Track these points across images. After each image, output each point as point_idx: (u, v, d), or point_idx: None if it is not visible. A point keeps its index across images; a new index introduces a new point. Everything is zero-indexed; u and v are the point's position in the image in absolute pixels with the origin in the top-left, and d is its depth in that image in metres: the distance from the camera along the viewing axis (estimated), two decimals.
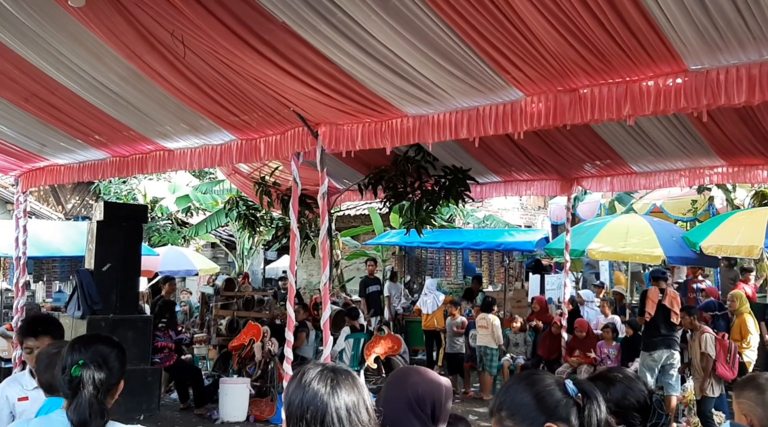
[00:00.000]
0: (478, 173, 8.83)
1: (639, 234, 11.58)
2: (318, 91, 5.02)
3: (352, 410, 1.73)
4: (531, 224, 22.21)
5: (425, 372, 2.36)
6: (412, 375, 2.33)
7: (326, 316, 5.64)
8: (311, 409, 1.71)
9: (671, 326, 8.58)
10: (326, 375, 1.78)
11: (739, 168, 7.44)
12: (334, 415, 1.70)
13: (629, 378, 2.23)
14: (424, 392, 2.24)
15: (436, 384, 2.29)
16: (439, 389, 2.28)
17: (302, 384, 1.77)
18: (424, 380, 2.29)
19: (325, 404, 1.71)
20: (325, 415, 1.70)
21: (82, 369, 2.32)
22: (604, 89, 4.16)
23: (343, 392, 1.75)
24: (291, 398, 1.77)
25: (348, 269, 18.20)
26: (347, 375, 1.82)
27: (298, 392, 1.76)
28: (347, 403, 1.73)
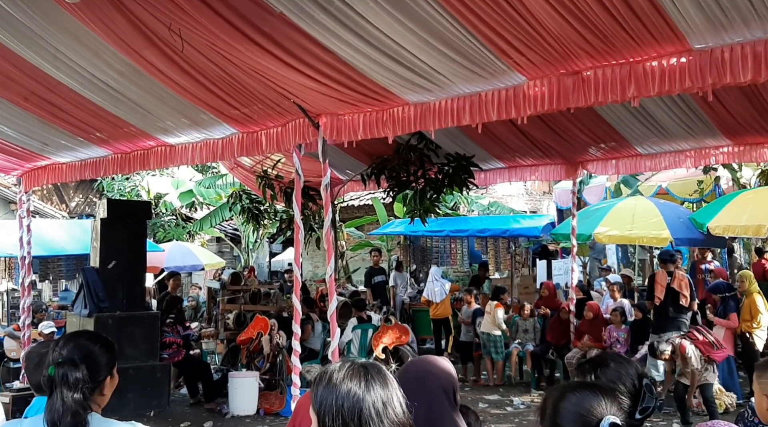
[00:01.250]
0: (481, 160, 8.78)
1: (646, 216, 11.51)
2: (318, 82, 4.98)
3: (388, 404, 1.71)
4: (536, 209, 22.15)
5: (440, 361, 2.42)
6: (437, 366, 2.38)
7: (332, 308, 5.62)
8: (347, 405, 1.69)
9: (680, 309, 8.54)
10: (357, 371, 1.76)
11: (745, 147, 7.38)
12: (372, 410, 1.69)
13: (621, 362, 2.24)
14: (448, 381, 2.31)
15: (449, 373, 2.36)
16: (455, 376, 2.36)
17: (333, 383, 1.74)
18: (447, 370, 2.36)
19: (360, 400, 1.69)
20: (362, 411, 1.68)
21: (57, 368, 2.26)
22: (608, 71, 4.11)
23: (377, 387, 1.73)
24: (322, 397, 1.74)
25: (353, 260, 18.18)
26: (378, 370, 1.80)
27: (330, 391, 1.73)
28: (383, 397, 1.72)
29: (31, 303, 8.28)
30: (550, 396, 1.89)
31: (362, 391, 1.71)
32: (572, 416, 1.76)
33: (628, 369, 2.21)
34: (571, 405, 1.79)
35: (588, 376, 2.21)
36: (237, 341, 10.04)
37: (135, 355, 8.88)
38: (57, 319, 11.76)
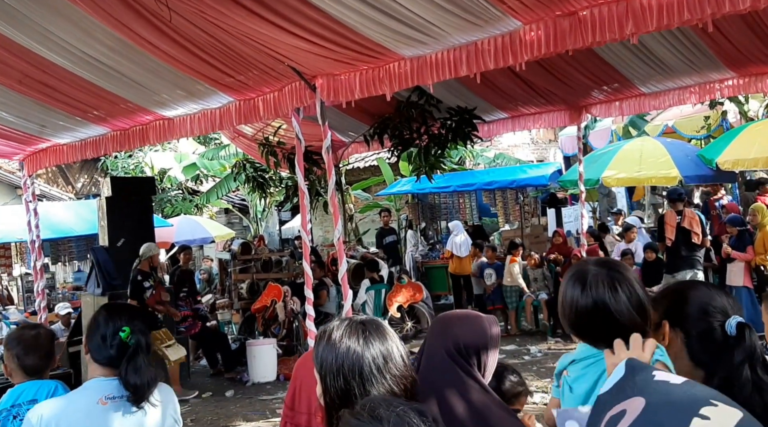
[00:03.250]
0: (484, 111, 8.67)
1: (653, 157, 11.43)
2: (310, 42, 4.89)
3: (388, 358, 1.70)
4: (543, 158, 22.02)
5: (468, 319, 2.24)
6: (453, 324, 2.22)
7: (343, 270, 5.61)
8: (347, 363, 1.68)
9: (692, 247, 8.51)
10: (355, 328, 1.74)
11: (750, 78, 7.23)
12: (372, 365, 1.67)
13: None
14: (466, 342, 2.14)
15: (480, 332, 2.17)
16: (483, 337, 2.17)
17: (332, 341, 1.72)
18: (467, 328, 2.19)
19: (360, 356, 1.68)
20: (362, 367, 1.67)
21: (131, 335, 2.42)
22: (604, 9, 4.00)
23: (376, 342, 1.71)
24: (322, 357, 1.72)
25: (362, 222, 18.19)
26: (377, 325, 1.78)
27: (330, 349, 1.71)
28: (382, 351, 1.70)
29: (45, 286, 8.32)
30: (677, 287, 1.96)
31: (361, 348, 1.69)
32: (699, 304, 1.80)
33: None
34: (700, 294, 1.84)
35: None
36: (252, 309, 10.11)
37: None
38: (73, 300, 11.88)
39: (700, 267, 8.61)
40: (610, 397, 1.03)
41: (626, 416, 0.94)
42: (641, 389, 0.98)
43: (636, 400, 0.96)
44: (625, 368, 1.06)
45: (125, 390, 2.37)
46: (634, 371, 1.05)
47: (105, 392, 2.38)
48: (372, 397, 1.36)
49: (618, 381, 1.05)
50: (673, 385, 0.97)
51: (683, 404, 0.91)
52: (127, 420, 2.38)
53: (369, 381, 1.65)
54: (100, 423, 2.34)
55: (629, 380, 1.03)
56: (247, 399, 8.20)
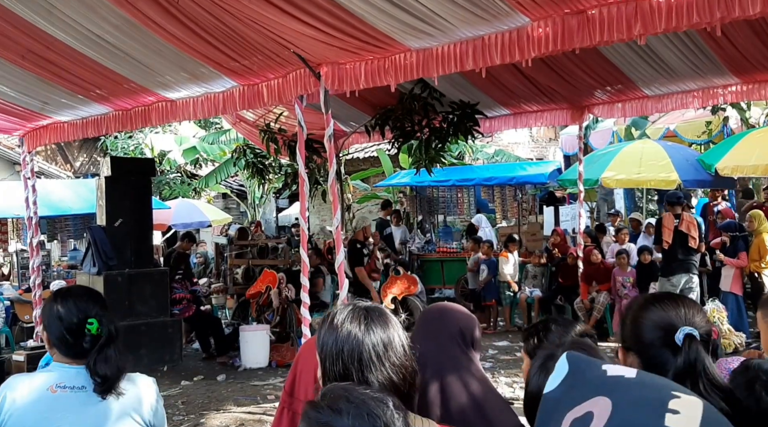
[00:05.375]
0: (486, 107, 8.67)
1: (653, 159, 11.43)
2: (317, 30, 4.88)
3: (389, 346, 1.69)
4: (543, 156, 22.02)
5: (457, 307, 2.45)
6: (450, 310, 2.40)
7: (340, 259, 5.62)
8: (347, 348, 1.68)
9: (689, 251, 8.53)
10: (358, 314, 1.74)
11: (754, 85, 7.24)
12: (372, 352, 1.67)
13: (565, 325, 2.26)
14: (463, 325, 2.31)
15: (470, 317, 2.38)
16: (473, 320, 2.38)
17: (334, 325, 1.73)
18: (461, 313, 2.38)
19: (360, 342, 1.68)
20: (362, 353, 1.67)
21: (100, 324, 2.31)
22: (613, 9, 4.00)
23: (378, 329, 1.71)
24: (324, 340, 1.73)
25: (360, 212, 18.18)
26: (380, 312, 1.78)
27: (331, 333, 1.72)
28: (383, 339, 1.70)
29: (40, 263, 8.33)
30: (630, 308, 1.87)
31: (362, 333, 1.69)
32: (652, 325, 1.72)
33: (571, 332, 2.22)
34: (648, 312, 1.75)
35: (532, 340, 2.24)
36: (246, 295, 10.12)
37: (146, 311, 8.98)
38: (67, 278, 11.87)
39: (696, 272, 8.63)
40: (562, 396, 0.99)
41: (595, 419, 0.92)
42: (599, 388, 0.96)
43: (600, 400, 0.94)
44: (568, 363, 1.03)
45: (91, 380, 2.25)
46: (580, 365, 1.02)
47: (58, 380, 2.26)
48: (333, 387, 1.36)
49: (565, 378, 1.01)
50: (630, 379, 0.97)
51: (649, 400, 0.92)
52: (82, 412, 2.25)
53: (368, 367, 1.66)
54: (43, 412, 2.21)
55: (579, 377, 1.00)
56: (239, 384, 8.22)
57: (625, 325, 1.81)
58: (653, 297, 1.82)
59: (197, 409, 7.28)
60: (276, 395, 7.45)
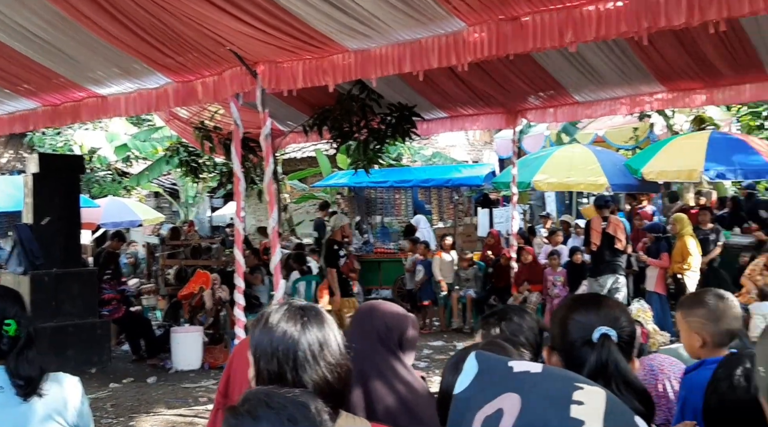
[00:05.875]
0: (423, 109, 8.75)
1: (583, 163, 11.78)
2: (254, 28, 4.83)
3: (324, 345, 1.69)
4: (478, 159, 22.36)
5: (389, 305, 2.46)
6: (379, 307, 2.42)
7: (276, 260, 5.58)
8: (282, 348, 1.67)
9: (616, 252, 8.80)
10: (294, 313, 1.74)
11: (678, 93, 7.54)
12: (307, 351, 1.66)
13: (522, 316, 2.29)
14: (391, 323, 2.33)
15: (402, 315, 2.39)
16: (405, 320, 2.37)
17: (269, 325, 1.71)
18: (390, 312, 2.38)
19: (296, 342, 1.67)
20: (297, 352, 1.66)
21: (20, 326, 2.23)
22: (546, 16, 4.11)
23: (313, 328, 1.71)
24: (258, 339, 1.72)
25: (297, 213, 18.09)
26: (316, 311, 1.78)
27: (266, 332, 1.71)
28: (319, 338, 1.70)
29: None
30: (557, 310, 1.89)
31: (298, 332, 1.69)
32: (574, 325, 1.73)
33: (529, 322, 2.26)
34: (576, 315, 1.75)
35: (492, 329, 2.24)
36: (178, 296, 9.94)
37: (74, 312, 8.73)
38: None
39: (622, 272, 8.92)
40: (473, 395, 0.99)
41: (505, 415, 0.93)
42: (508, 384, 0.97)
43: (509, 397, 0.95)
44: (477, 363, 1.03)
45: (11, 381, 2.18)
46: (489, 364, 1.03)
47: None
48: (255, 391, 1.36)
49: (475, 377, 1.02)
50: (536, 374, 0.99)
51: (555, 393, 0.95)
52: (1, 413, 2.17)
53: (302, 367, 1.65)
54: None
55: (489, 375, 1.01)
56: (170, 386, 8.06)
57: (553, 325, 1.85)
58: (578, 298, 1.87)
59: (126, 412, 7.12)
60: (209, 397, 7.35)
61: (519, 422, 0.92)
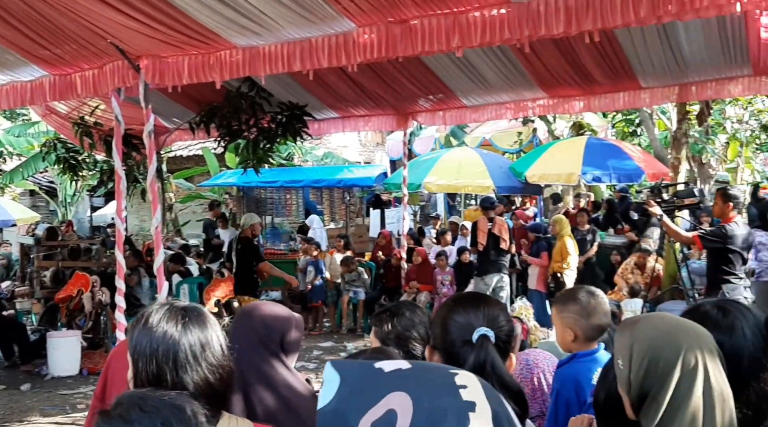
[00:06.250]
0: (315, 109, 8.72)
1: (471, 166, 12.11)
2: (137, 21, 4.67)
3: (206, 346, 1.66)
4: (370, 160, 22.54)
5: (272, 306, 2.42)
6: (259, 309, 2.38)
7: (159, 261, 5.40)
8: (162, 348, 1.63)
9: (501, 252, 9.09)
10: (175, 313, 1.70)
11: (558, 99, 7.89)
12: (188, 352, 1.63)
13: (414, 311, 2.33)
14: (271, 325, 2.29)
15: (284, 317, 2.35)
16: (288, 322, 2.34)
17: (149, 325, 1.67)
18: (272, 313, 2.35)
19: (176, 342, 1.64)
20: (177, 353, 1.63)
21: None
22: (434, 20, 4.19)
23: (195, 329, 1.68)
24: (137, 339, 1.67)
25: (183, 213, 17.57)
26: (198, 312, 1.75)
27: (145, 332, 1.66)
28: (201, 339, 1.67)
29: None
30: (440, 309, 1.89)
31: (178, 333, 1.65)
32: (455, 325, 1.74)
33: (421, 317, 2.29)
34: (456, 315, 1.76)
35: (385, 325, 2.27)
36: (55, 299, 9.43)
37: None
38: None
39: (506, 272, 9.23)
40: (342, 405, 0.96)
41: (399, 415, 0.93)
42: (386, 385, 0.96)
43: (396, 396, 0.95)
44: (337, 372, 1.00)
45: None
46: (350, 371, 1.01)
47: None
48: (129, 394, 1.31)
49: (340, 386, 0.98)
50: (409, 370, 1.00)
51: (439, 383, 0.97)
52: None
53: (183, 367, 1.62)
54: None
55: (358, 382, 0.98)
56: (46, 393, 7.64)
57: (434, 324, 1.88)
58: (458, 299, 1.90)
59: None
60: (87, 403, 7.01)
61: (418, 417, 0.92)
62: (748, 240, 5.66)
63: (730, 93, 7.27)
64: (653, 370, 1.53)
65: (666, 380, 1.50)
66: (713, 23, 5.56)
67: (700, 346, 1.54)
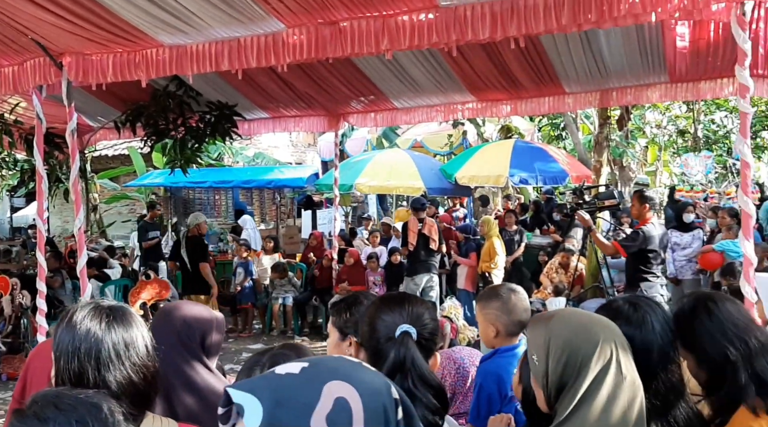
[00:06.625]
0: (245, 109, 8.63)
1: (402, 168, 12.22)
2: (60, 18, 4.54)
3: (130, 345, 1.66)
4: (302, 160, 22.44)
5: (193, 306, 2.41)
6: (179, 309, 2.36)
7: (82, 262, 5.26)
8: (84, 346, 1.62)
9: (430, 252, 9.21)
10: (100, 312, 1.69)
11: (487, 103, 8.06)
12: (111, 351, 1.63)
13: (371, 300, 2.35)
14: (191, 325, 2.28)
15: (205, 318, 2.33)
16: (208, 322, 2.33)
17: (73, 323, 1.66)
18: (192, 313, 2.33)
19: (99, 341, 1.63)
20: (100, 351, 1.62)
21: None
22: (363, 23, 4.23)
23: (120, 328, 1.67)
24: (60, 338, 1.65)
25: (108, 214, 17.10)
26: (124, 311, 1.74)
27: (69, 331, 1.65)
28: (125, 338, 1.66)
29: None
30: (369, 307, 1.91)
31: (102, 332, 1.65)
32: (380, 323, 1.78)
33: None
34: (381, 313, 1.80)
35: (343, 314, 2.27)
36: None
37: None
38: None
39: (436, 272, 9.36)
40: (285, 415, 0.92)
41: (350, 400, 0.94)
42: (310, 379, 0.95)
43: (334, 385, 0.94)
44: (246, 392, 0.94)
45: None
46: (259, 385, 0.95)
47: None
48: (45, 392, 1.30)
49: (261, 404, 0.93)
50: (327, 358, 1.04)
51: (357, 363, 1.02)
52: None
53: (106, 366, 1.62)
54: None
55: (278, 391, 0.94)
56: None
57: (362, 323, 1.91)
58: (385, 298, 1.94)
59: None
60: (5, 409, 6.76)
61: (367, 398, 0.95)
62: (663, 241, 5.92)
63: (649, 99, 7.56)
64: (572, 363, 1.59)
65: (583, 371, 1.57)
66: (632, 32, 5.79)
67: (614, 338, 1.63)
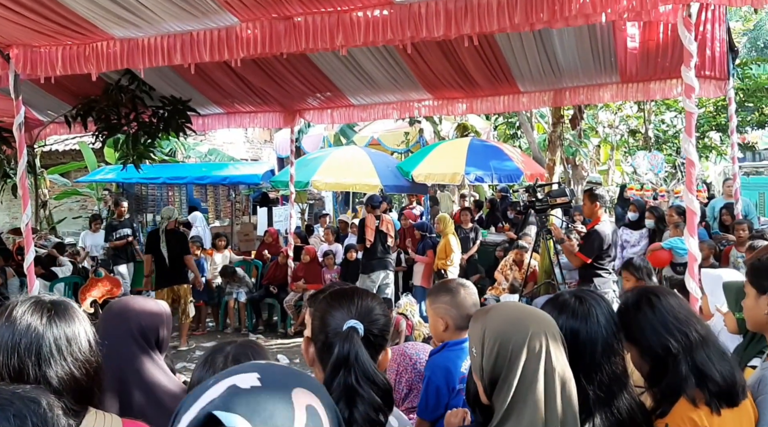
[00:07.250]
0: (199, 105, 8.53)
1: (359, 165, 12.22)
2: (7, 8, 4.43)
3: (73, 341, 1.63)
4: (257, 157, 22.24)
5: (144, 301, 2.37)
6: (132, 307, 2.31)
7: (29, 259, 5.14)
8: (24, 341, 1.59)
9: (387, 249, 9.24)
10: (41, 306, 1.66)
11: (443, 101, 8.11)
12: (53, 346, 1.60)
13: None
14: (147, 324, 2.26)
15: (157, 314, 2.32)
16: (160, 318, 2.32)
17: (12, 318, 1.62)
18: (146, 311, 2.30)
19: (40, 336, 1.60)
20: (41, 347, 1.59)
21: None
22: (318, 18, 4.22)
23: (62, 323, 1.64)
24: (0, 333, 1.61)
25: (58, 210, 16.70)
26: (66, 306, 1.71)
27: (8, 326, 1.61)
28: (67, 334, 1.63)
29: None
30: (319, 305, 1.88)
31: (43, 327, 1.62)
32: (330, 319, 1.77)
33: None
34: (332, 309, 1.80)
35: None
36: None
37: None
38: None
39: (392, 269, 9.39)
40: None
41: (317, 407, 0.93)
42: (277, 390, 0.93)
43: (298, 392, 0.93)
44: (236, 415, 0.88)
45: None
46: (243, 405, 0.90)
47: None
48: None
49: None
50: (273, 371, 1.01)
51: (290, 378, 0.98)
52: None
53: (46, 361, 1.59)
54: None
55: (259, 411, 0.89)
56: None
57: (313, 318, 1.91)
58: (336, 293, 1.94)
59: None
60: None
61: (325, 400, 0.96)
62: (614, 238, 6.04)
63: (601, 98, 7.70)
64: (503, 354, 1.63)
65: (514, 363, 1.61)
66: (585, 32, 5.89)
67: (545, 331, 1.66)
